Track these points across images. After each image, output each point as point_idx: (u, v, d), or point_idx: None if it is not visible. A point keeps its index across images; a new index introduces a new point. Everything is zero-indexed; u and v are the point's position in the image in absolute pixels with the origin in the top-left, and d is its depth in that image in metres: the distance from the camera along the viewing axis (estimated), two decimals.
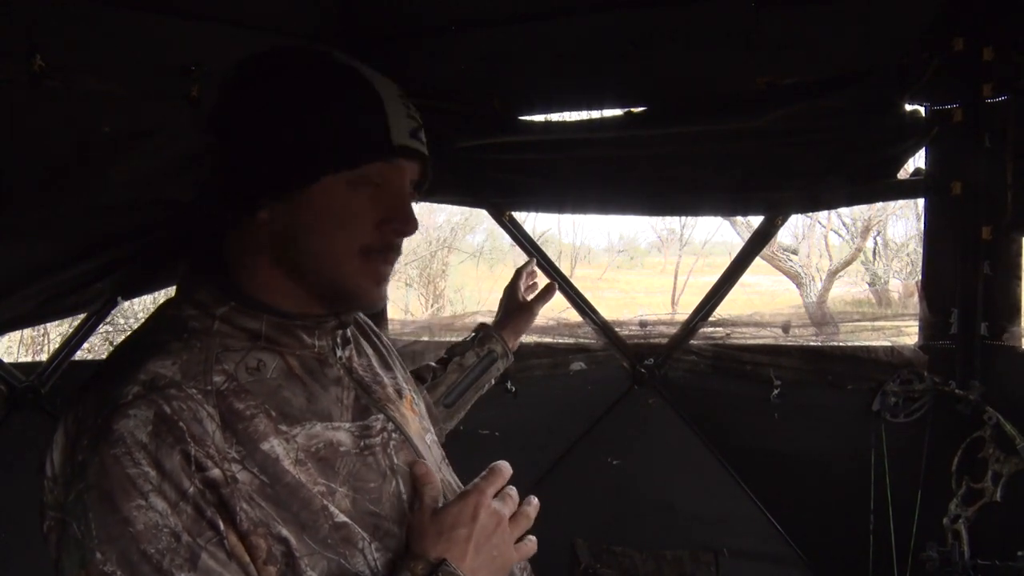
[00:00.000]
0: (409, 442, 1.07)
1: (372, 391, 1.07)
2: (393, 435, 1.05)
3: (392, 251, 1.00)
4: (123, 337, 1.02)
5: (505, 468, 1.05)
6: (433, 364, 1.58)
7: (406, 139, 0.97)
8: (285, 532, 0.89)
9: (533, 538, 1.07)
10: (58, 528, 0.86)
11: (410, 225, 0.99)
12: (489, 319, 1.70)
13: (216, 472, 0.86)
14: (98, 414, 0.86)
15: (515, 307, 1.67)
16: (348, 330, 1.08)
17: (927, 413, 2.24)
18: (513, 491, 1.06)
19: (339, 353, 1.05)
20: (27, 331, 7.51)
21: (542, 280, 1.84)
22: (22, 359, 7.02)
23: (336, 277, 0.96)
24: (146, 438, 0.84)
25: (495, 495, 1.03)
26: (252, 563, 0.87)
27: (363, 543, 0.95)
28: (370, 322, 1.26)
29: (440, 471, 1.11)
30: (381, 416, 1.05)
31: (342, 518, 0.94)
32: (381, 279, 1.00)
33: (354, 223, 0.95)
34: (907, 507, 2.23)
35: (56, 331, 7.26)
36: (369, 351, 1.17)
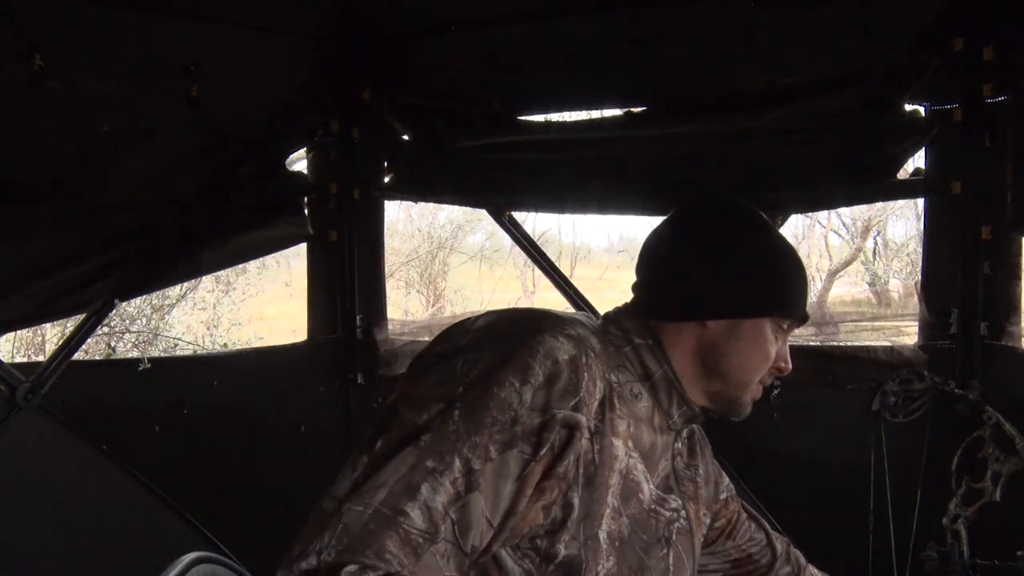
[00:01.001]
0: (692, 535, 1.20)
1: (683, 482, 1.21)
2: (682, 519, 1.18)
3: (765, 387, 1.23)
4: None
5: None
6: None
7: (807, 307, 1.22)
8: (576, 503, 1.00)
9: None
10: (445, 359, 1.00)
11: (790, 369, 1.22)
12: None
13: (583, 419, 0.99)
14: (535, 327, 1.02)
15: None
16: (692, 432, 1.26)
17: (927, 413, 2.24)
18: None
19: (679, 442, 1.21)
20: (23, 331, 7.51)
21: None
22: (19, 359, 7.01)
23: (735, 390, 1.18)
24: (557, 356, 0.99)
25: None
26: (529, 497, 0.96)
27: (601, 567, 1.03)
28: (708, 447, 1.35)
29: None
30: (680, 501, 1.18)
31: (604, 536, 1.03)
32: (753, 403, 1.22)
33: (765, 357, 1.17)
34: (907, 507, 2.23)
35: (52, 331, 7.26)
36: (695, 463, 1.28)
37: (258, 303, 9.90)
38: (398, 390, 1.02)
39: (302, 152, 2.78)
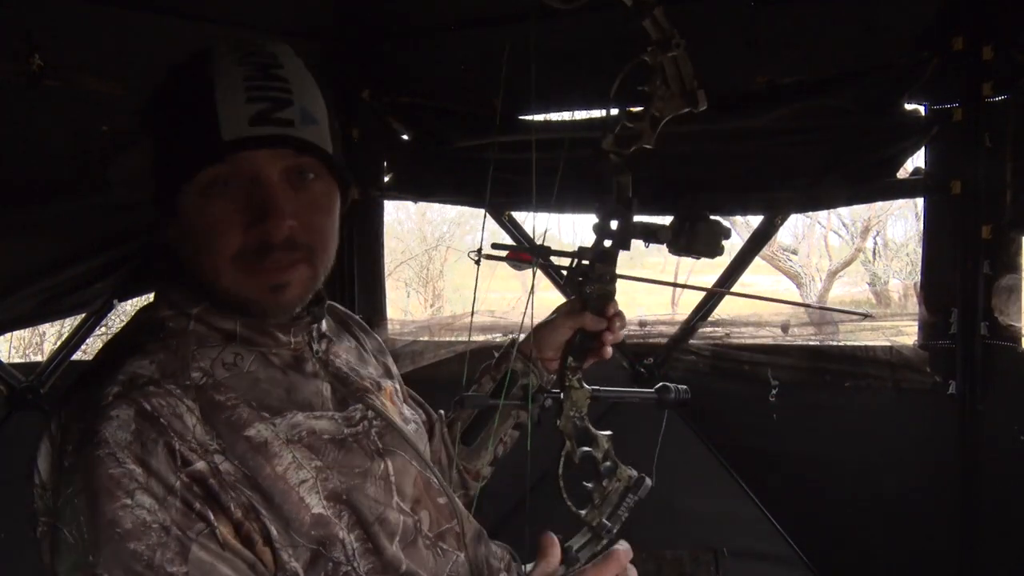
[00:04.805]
0: (392, 425, 1.06)
1: (349, 382, 1.06)
2: (375, 421, 1.04)
3: (273, 251, 0.91)
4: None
5: (624, 553, 1.10)
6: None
7: (245, 129, 0.88)
8: (267, 522, 0.89)
9: None
10: (51, 534, 0.86)
11: (272, 222, 0.89)
12: (489, 318, 1.68)
13: (201, 464, 0.86)
14: (81, 418, 0.86)
15: (552, 319, 1.29)
16: (325, 324, 1.08)
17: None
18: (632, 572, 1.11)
19: (315, 347, 1.04)
20: (23, 331, 7.50)
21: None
22: (16, 359, 7.01)
23: (220, 288, 0.93)
24: (129, 437, 0.83)
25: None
26: (251, 546, 0.88)
27: (342, 531, 0.94)
28: (356, 317, 1.24)
29: (425, 468, 1.09)
30: (360, 405, 1.04)
31: (318, 509, 0.92)
32: (271, 284, 0.93)
33: (216, 231, 0.89)
34: (905, 504, 2.23)
35: (52, 331, 7.26)
36: (348, 344, 1.16)
37: None
38: None
39: None
